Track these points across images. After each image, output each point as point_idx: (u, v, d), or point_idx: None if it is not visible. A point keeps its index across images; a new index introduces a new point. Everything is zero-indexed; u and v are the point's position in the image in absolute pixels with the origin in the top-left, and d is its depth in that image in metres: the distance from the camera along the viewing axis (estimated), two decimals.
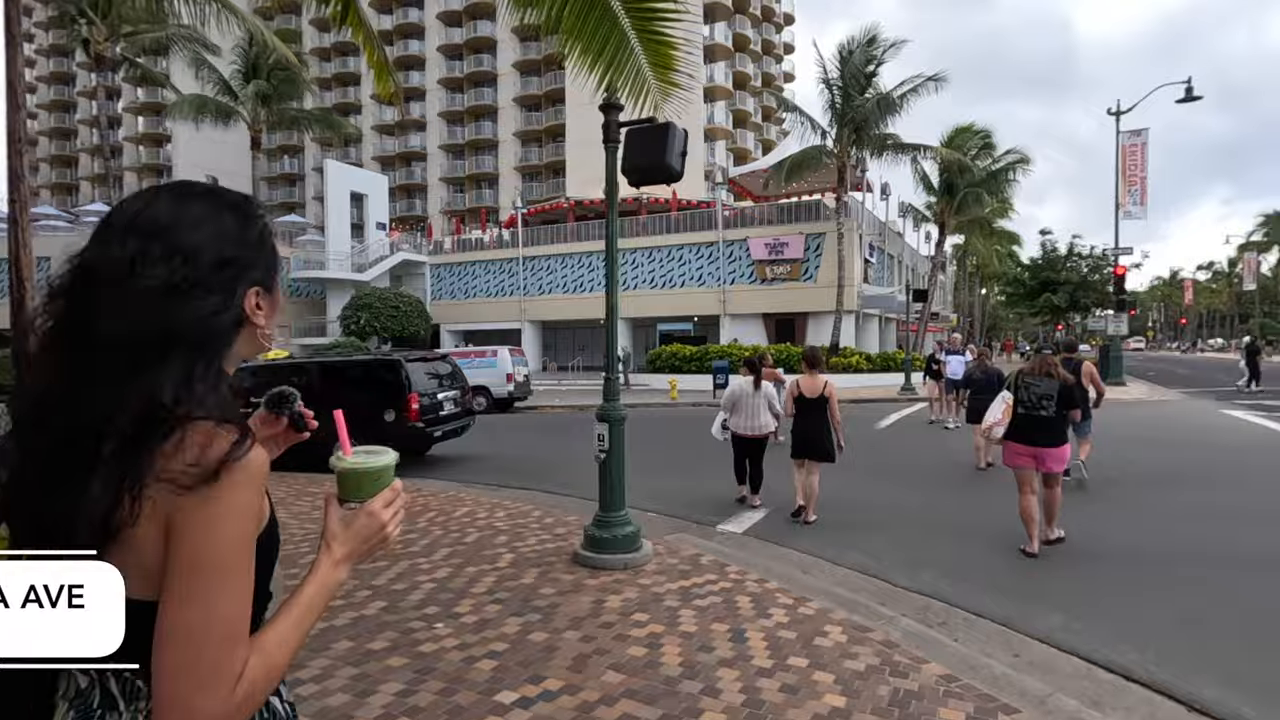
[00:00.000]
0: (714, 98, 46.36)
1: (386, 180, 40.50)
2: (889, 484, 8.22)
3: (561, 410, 20.56)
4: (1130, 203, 22.11)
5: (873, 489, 7.88)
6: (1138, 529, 6.17)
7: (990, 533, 5.95)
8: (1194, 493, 7.53)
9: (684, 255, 30.96)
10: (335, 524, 0.93)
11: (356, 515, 0.93)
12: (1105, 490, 7.60)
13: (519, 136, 53.13)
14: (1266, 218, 63.25)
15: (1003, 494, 6.94)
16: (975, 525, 6.30)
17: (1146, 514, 6.69)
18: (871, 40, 23.84)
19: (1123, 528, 6.20)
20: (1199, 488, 7.79)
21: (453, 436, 10.69)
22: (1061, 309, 38.02)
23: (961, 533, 6.10)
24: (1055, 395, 5.33)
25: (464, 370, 20.53)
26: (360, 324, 29.48)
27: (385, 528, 0.95)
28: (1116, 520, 6.48)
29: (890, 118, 23.73)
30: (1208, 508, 6.87)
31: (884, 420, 14.34)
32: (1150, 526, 6.26)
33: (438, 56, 55.12)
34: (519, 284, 34.59)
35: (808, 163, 24.46)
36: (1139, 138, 22.23)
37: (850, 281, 25.87)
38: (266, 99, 26.74)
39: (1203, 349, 79.13)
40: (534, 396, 22.90)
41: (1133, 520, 6.48)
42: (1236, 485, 7.99)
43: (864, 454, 10.01)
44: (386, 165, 58.23)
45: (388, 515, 0.95)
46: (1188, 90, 21.31)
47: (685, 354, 25.59)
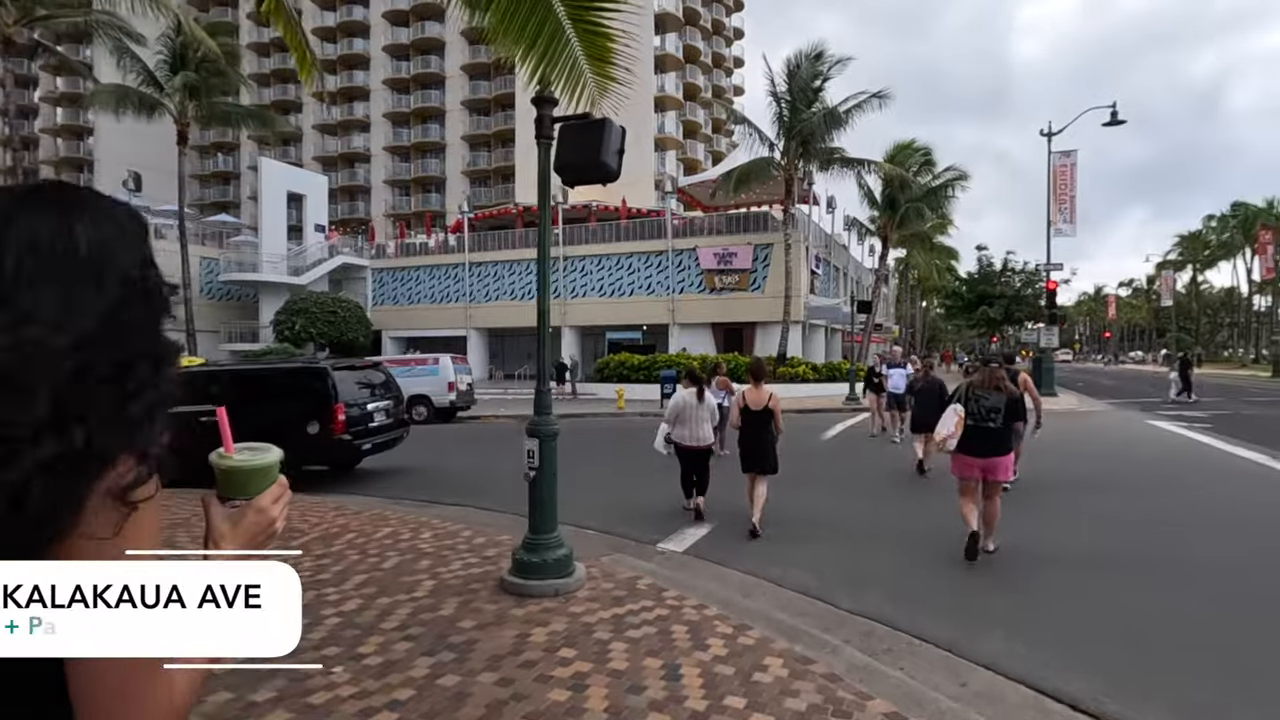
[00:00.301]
0: (665, 108, 46.50)
1: (326, 181, 39.08)
2: (833, 495, 8.11)
3: (506, 420, 20.00)
4: (1061, 220, 23.01)
5: (817, 501, 7.74)
6: (1075, 536, 6.18)
7: (933, 543, 5.87)
8: (1126, 499, 7.66)
9: (633, 264, 30.79)
10: (221, 523, 0.89)
11: (244, 512, 0.89)
12: (1040, 497, 7.66)
13: (467, 140, 52.18)
14: (1181, 237, 67.27)
15: (943, 500, 6.91)
16: (917, 535, 6.22)
17: (1083, 521, 6.73)
18: (818, 55, 24.26)
19: (1061, 535, 6.20)
20: (1130, 494, 7.94)
21: (384, 449, 10.12)
22: (997, 321, 39.48)
23: (904, 544, 6.00)
24: (1002, 408, 5.49)
25: (404, 379, 19.90)
26: (294, 329, 28.20)
27: (275, 523, 0.92)
28: (1054, 527, 6.49)
29: (836, 132, 24.17)
30: (1142, 514, 6.97)
31: (829, 431, 14.37)
32: (1088, 534, 6.28)
33: (383, 56, 53.73)
34: (465, 290, 33.78)
35: (756, 174, 24.65)
36: (1069, 159, 23.19)
37: (797, 292, 26.15)
38: (195, 91, 25.37)
39: (1124, 361, 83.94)
40: (478, 406, 22.27)
41: (1070, 528, 6.50)
42: (1166, 492, 8.19)
43: (810, 465, 9.91)
44: (328, 166, 56.34)
45: (276, 510, 0.92)
46: (1113, 114, 22.34)
47: (633, 363, 25.35)
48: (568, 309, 31.72)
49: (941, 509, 6.45)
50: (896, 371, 12.68)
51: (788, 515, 6.81)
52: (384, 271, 36.00)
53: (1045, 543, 6.01)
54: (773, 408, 6.44)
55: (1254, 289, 64.65)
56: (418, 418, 19.23)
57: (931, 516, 6.70)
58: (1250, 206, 56.87)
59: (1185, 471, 9.67)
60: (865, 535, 6.37)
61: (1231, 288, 75.75)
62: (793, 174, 24.88)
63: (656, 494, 7.76)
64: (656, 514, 7.08)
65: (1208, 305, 75.49)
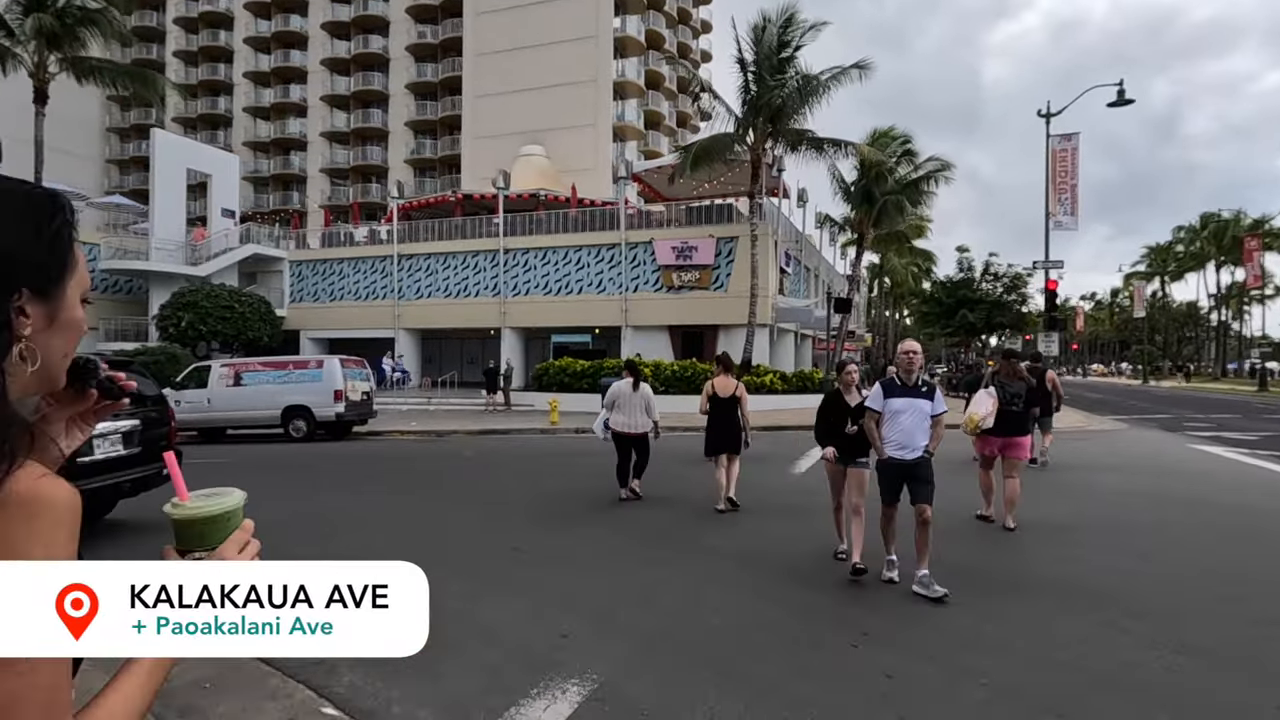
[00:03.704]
0: (625, 94, 43.18)
1: (237, 160, 34.79)
2: (797, 589, 4.72)
3: (414, 437, 16.33)
4: (1061, 212, 20.26)
5: (773, 599, 4.34)
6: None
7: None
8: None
9: (582, 258, 27.31)
10: None
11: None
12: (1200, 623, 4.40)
13: (411, 127, 48.16)
14: (1150, 249, 66.46)
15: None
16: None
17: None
18: (788, 21, 21.24)
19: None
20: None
21: (122, 496, 6.50)
22: (977, 328, 36.93)
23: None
24: (1024, 394, 6.82)
25: (279, 385, 16.08)
26: (180, 326, 24.01)
27: None
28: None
29: (809, 108, 21.14)
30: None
31: (801, 460, 11.04)
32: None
33: (321, 34, 49.48)
34: (393, 286, 29.88)
35: (718, 150, 21.45)
36: (1069, 142, 20.48)
37: (765, 292, 22.99)
38: (55, 40, 21.11)
39: (1087, 373, 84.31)
40: (384, 418, 18.53)
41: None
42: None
43: (771, 524, 6.62)
44: (260, 152, 51.79)
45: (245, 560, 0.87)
46: (1119, 93, 19.74)
47: (576, 369, 21.84)
48: (508, 308, 28.09)
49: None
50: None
51: (729, 629, 3.39)
52: (303, 264, 31.86)
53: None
54: (739, 396, 7.40)
55: (1215, 303, 64.25)
56: (295, 434, 15.45)
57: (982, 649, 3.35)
58: (1219, 218, 56.04)
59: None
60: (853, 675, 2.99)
61: (1193, 302, 75.76)
62: (760, 155, 21.75)
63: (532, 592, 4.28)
64: (528, 646, 3.60)
65: (1173, 318, 74.98)
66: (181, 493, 0.89)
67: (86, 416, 0.96)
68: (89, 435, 0.97)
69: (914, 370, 4.95)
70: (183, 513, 0.85)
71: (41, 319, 0.76)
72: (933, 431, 4.94)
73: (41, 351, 0.76)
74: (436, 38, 46.84)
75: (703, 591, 4.85)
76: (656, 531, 6.61)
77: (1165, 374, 66.89)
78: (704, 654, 3.81)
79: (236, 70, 52.17)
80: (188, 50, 53.08)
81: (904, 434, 4.88)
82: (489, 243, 28.42)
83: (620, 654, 3.79)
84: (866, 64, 20.72)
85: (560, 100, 40.55)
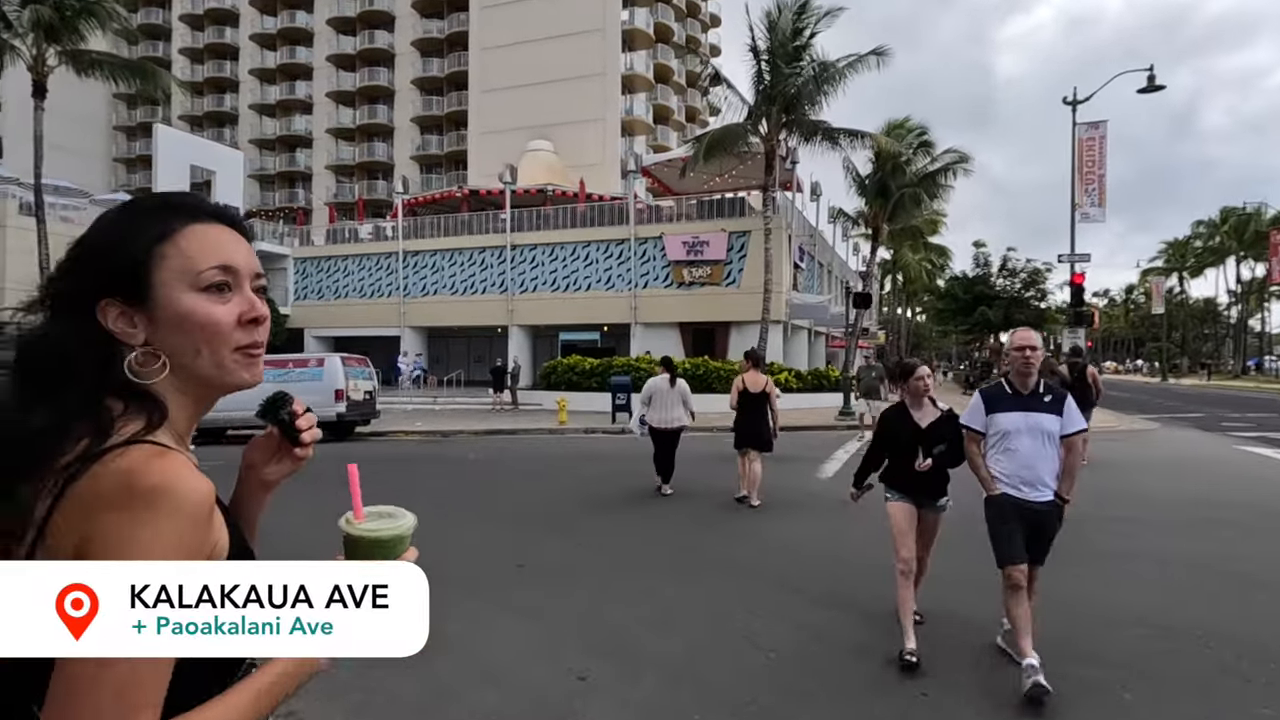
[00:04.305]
0: (634, 88, 42.51)
1: (242, 157, 34.38)
2: (840, 615, 4.11)
3: (418, 438, 15.81)
4: (1088, 203, 19.51)
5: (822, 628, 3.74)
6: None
7: None
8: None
9: (591, 254, 26.71)
10: None
11: None
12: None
13: (417, 123, 47.69)
14: (1168, 244, 65.21)
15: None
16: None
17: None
18: (803, 7, 20.57)
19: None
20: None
21: None
22: (996, 326, 36.10)
23: None
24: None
25: (279, 384, 15.69)
26: None
27: None
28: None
29: (825, 97, 20.46)
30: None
31: (827, 463, 10.43)
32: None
33: (327, 30, 49.08)
34: (399, 283, 29.40)
35: (729, 141, 20.80)
36: (1097, 130, 19.73)
37: (778, 287, 22.32)
38: (53, 32, 20.70)
39: (1102, 371, 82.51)
40: (388, 418, 18.03)
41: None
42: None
43: (807, 534, 6.01)
44: (265, 149, 51.49)
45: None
46: (1149, 79, 18.99)
47: (584, 367, 21.28)
48: (515, 306, 27.54)
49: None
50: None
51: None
52: (308, 262, 31.44)
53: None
54: (769, 391, 7.64)
55: (1235, 298, 62.97)
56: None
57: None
58: (1241, 212, 54.84)
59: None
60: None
61: (1210, 298, 74.39)
62: (774, 146, 21.09)
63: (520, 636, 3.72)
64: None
65: (1191, 315, 73.73)
66: (358, 508, 0.88)
67: (280, 459, 0.96)
68: (295, 468, 0.97)
69: (1031, 373, 3.49)
70: (357, 532, 0.85)
71: (144, 322, 0.76)
72: (1065, 461, 3.46)
73: (166, 352, 0.76)
74: (442, 32, 46.35)
75: (734, 616, 4.26)
76: (678, 540, 6.04)
77: (1184, 372, 65.72)
78: (739, 696, 3.22)
79: (242, 67, 51.90)
80: (193, 47, 52.86)
81: (1022, 465, 3.44)
82: (496, 239, 27.89)
83: (647, 697, 3.20)
84: (885, 50, 20.01)
85: (568, 94, 39.95)
